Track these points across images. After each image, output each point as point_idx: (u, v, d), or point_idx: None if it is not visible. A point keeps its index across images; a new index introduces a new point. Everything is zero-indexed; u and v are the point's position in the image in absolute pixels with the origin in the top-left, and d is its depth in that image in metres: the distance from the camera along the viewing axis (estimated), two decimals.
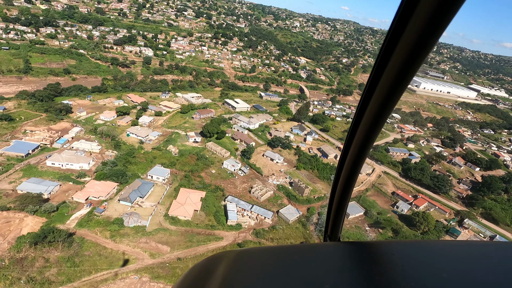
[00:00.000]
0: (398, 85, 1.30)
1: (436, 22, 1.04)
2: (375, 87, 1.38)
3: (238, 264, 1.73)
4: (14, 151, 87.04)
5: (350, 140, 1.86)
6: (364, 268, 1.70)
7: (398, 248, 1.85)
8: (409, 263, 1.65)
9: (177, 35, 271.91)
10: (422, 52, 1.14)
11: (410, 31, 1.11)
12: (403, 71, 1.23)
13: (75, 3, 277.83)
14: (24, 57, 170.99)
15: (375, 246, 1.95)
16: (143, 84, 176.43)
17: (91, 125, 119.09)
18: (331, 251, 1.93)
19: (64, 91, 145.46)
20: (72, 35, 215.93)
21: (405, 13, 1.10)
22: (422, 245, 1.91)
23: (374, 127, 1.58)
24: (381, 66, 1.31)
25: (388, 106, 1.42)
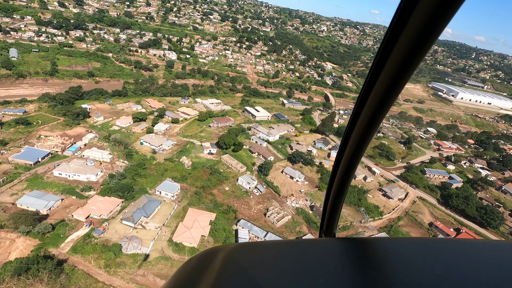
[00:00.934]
0: (395, 85, 1.30)
1: (434, 23, 1.04)
2: (373, 85, 1.38)
3: (233, 258, 1.73)
4: (23, 158, 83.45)
5: (347, 137, 1.86)
6: (358, 264, 1.71)
7: (392, 245, 1.87)
8: (402, 260, 1.66)
9: (202, 38, 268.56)
10: (419, 52, 1.15)
11: (409, 31, 1.11)
12: (400, 71, 1.24)
13: (106, 6, 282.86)
14: (52, 59, 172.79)
15: (370, 243, 1.94)
16: (163, 88, 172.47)
17: (106, 131, 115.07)
18: (326, 247, 1.94)
19: (85, 94, 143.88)
20: (100, 38, 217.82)
21: (403, 13, 1.10)
22: (415, 242, 1.93)
23: (371, 124, 1.59)
24: (379, 66, 1.31)
25: (386, 105, 1.43)
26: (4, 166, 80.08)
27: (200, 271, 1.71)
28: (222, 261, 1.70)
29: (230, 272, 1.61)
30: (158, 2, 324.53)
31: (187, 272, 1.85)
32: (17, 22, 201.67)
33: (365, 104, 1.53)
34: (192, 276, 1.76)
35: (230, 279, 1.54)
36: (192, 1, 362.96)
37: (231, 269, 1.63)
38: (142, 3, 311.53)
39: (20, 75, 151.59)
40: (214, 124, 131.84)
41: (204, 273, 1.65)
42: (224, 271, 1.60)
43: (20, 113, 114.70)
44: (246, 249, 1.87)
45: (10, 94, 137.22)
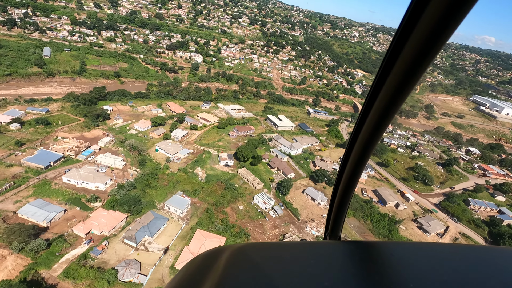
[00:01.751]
0: (403, 87, 1.28)
1: (444, 24, 1.02)
2: (382, 86, 1.36)
3: (237, 259, 1.72)
4: (35, 161, 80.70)
5: (354, 139, 1.83)
6: (363, 268, 1.69)
7: (398, 249, 1.84)
8: (408, 265, 1.64)
9: (229, 41, 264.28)
10: (428, 54, 1.13)
11: (418, 33, 1.09)
12: (409, 73, 1.22)
13: (139, 8, 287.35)
14: (81, 59, 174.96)
15: (375, 246, 1.93)
16: (186, 92, 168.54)
17: (123, 135, 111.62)
18: (330, 250, 1.92)
19: (108, 95, 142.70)
20: (130, 38, 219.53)
21: (413, 15, 1.08)
22: (422, 247, 1.89)
23: (378, 127, 1.57)
24: (387, 67, 1.29)
25: (394, 106, 1.40)
26: (15, 169, 77.59)
27: (204, 270, 1.70)
28: (226, 261, 1.69)
29: (234, 272, 1.59)
30: (189, 4, 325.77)
31: (191, 271, 1.83)
32: (54, 22, 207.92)
33: (372, 106, 1.50)
34: (196, 275, 1.74)
35: (234, 279, 1.53)
36: (223, 4, 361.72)
37: (235, 269, 1.62)
38: (174, 5, 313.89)
39: (50, 74, 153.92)
40: (233, 132, 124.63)
41: (208, 272, 1.64)
42: (228, 271, 1.59)
43: (43, 112, 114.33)
44: (250, 250, 1.85)
45: (38, 92, 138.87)
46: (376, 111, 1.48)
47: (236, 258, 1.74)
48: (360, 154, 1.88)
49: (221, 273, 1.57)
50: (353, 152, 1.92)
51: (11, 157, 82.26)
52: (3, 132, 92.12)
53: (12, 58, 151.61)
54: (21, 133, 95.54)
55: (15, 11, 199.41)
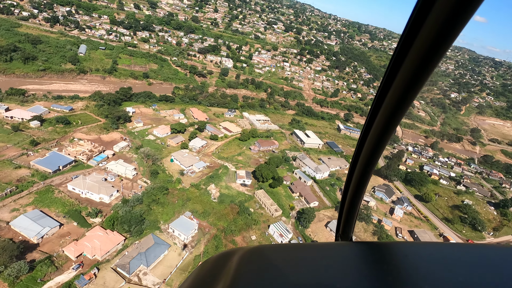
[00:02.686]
0: (411, 89, 1.28)
1: (450, 26, 1.02)
2: (389, 88, 1.36)
3: (248, 260, 1.71)
4: (44, 165, 76.59)
5: (364, 137, 1.80)
6: (376, 268, 1.66)
7: (412, 250, 1.80)
8: (422, 265, 1.59)
9: (262, 48, 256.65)
10: (435, 56, 1.13)
11: (424, 35, 1.09)
12: (416, 75, 1.22)
13: (177, 11, 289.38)
14: (114, 58, 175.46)
15: (388, 247, 1.90)
16: (211, 97, 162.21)
17: (141, 140, 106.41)
18: (343, 251, 1.91)
19: (134, 96, 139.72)
20: (163, 40, 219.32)
21: (419, 16, 1.08)
22: (437, 247, 1.85)
23: (387, 128, 1.56)
24: (394, 69, 1.29)
25: (402, 108, 1.41)
26: (22, 171, 73.76)
27: (215, 272, 1.69)
28: (238, 263, 1.67)
29: (245, 274, 1.58)
30: (226, 9, 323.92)
31: (202, 274, 1.82)
32: (94, 21, 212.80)
33: (380, 108, 1.49)
34: (207, 277, 1.73)
35: (245, 281, 1.51)
36: (259, 9, 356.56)
37: (246, 271, 1.61)
38: (210, 9, 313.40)
39: (82, 71, 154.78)
40: (255, 146, 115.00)
41: (220, 274, 1.62)
42: (240, 273, 1.57)
43: (66, 110, 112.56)
44: (262, 252, 1.83)
45: (68, 88, 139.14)
46: (384, 112, 1.48)
47: (248, 260, 1.71)
48: (369, 155, 1.86)
49: (233, 275, 1.55)
50: (362, 153, 1.91)
51: (22, 158, 78.96)
52: (22, 130, 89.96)
53: (49, 54, 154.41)
54: (39, 132, 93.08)
55: (60, 9, 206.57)
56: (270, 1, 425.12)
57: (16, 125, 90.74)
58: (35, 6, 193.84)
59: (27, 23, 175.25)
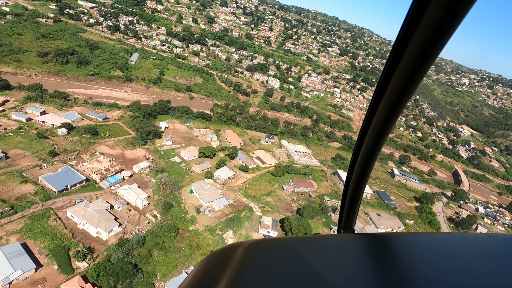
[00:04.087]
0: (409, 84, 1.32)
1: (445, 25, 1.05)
2: (391, 77, 1.38)
3: (253, 253, 1.71)
4: (52, 182, 69.12)
5: (366, 128, 1.80)
6: (379, 259, 1.68)
7: (414, 240, 1.81)
8: (424, 255, 1.61)
9: (312, 70, 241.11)
10: (431, 54, 1.17)
11: (419, 34, 1.13)
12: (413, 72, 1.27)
13: (232, 27, 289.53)
14: (162, 68, 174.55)
15: (390, 238, 1.90)
16: (251, 119, 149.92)
17: (165, 161, 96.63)
18: (346, 242, 1.92)
19: (170, 110, 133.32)
20: (213, 55, 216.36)
21: (414, 16, 1.11)
22: (438, 237, 1.86)
23: (389, 118, 1.58)
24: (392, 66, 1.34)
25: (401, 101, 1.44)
26: (27, 187, 66.81)
27: (220, 266, 1.68)
28: (242, 256, 1.67)
29: (250, 267, 1.58)
30: (281, 28, 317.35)
31: (208, 267, 1.83)
32: (152, 31, 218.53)
33: (381, 100, 1.51)
34: (212, 271, 1.73)
35: (250, 274, 1.52)
36: (315, 31, 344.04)
37: (251, 264, 1.61)
38: (266, 27, 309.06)
39: (128, 79, 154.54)
40: (289, 186, 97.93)
41: (225, 268, 1.62)
42: (245, 266, 1.57)
43: (100, 119, 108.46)
44: (266, 245, 1.84)
45: (110, 95, 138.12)
46: (386, 103, 1.50)
47: (252, 253, 1.71)
48: (371, 147, 1.85)
49: (237, 268, 1.55)
50: (364, 145, 1.89)
51: (34, 170, 72.74)
52: (47, 137, 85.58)
53: (102, 60, 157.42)
54: (63, 141, 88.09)
55: (124, 18, 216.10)
56: (328, 23, 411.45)
57: (43, 131, 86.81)
58: (102, 14, 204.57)
59: (91, 29, 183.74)
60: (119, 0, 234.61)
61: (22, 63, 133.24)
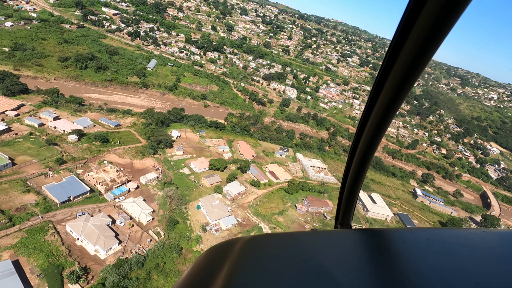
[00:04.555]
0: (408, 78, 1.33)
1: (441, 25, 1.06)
2: (388, 76, 1.40)
3: (250, 249, 1.71)
4: (55, 192, 66.28)
5: (363, 125, 1.81)
6: (375, 255, 1.68)
7: (410, 236, 1.81)
8: (421, 250, 1.62)
9: (331, 81, 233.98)
10: (427, 53, 1.19)
11: (416, 33, 1.14)
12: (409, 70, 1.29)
13: (251, 35, 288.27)
14: (179, 75, 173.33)
15: (387, 234, 1.90)
16: (265, 130, 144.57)
17: (174, 173, 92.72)
18: (343, 238, 1.91)
19: (184, 118, 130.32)
20: (231, 63, 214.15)
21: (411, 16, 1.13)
22: (435, 232, 1.87)
23: (387, 114, 1.59)
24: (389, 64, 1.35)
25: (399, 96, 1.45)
26: (29, 197, 64.15)
27: (218, 261, 1.68)
28: (239, 252, 1.67)
29: (247, 262, 1.58)
30: (300, 37, 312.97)
31: (205, 263, 1.82)
32: (171, 38, 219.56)
33: (379, 95, 1.52)
34: (209, 266, 1.73)
35: (247, 269, 1.52)
36: (335, 40, 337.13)
37: (248, 259, 1.61)
38: (285, 36, 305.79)
39: (144, 85, 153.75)
40: (302, 205, 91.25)
41: (222, 263, 1.62)
42: (242, 261, 1.57)
43: (112, 126, 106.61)
44: (263, 240, 1.84)
45: (126, 101, 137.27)
46: (383, 100, 1.51)
47: (249, 248, 1.71)
48: (368, 143, 1.85)
49: (235, 264, 1.55)
50: (361, 141, 1.89)
51: (39, 178, 70.37)
52: (56, 143, 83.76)
53: (120, 66, 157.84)
54: (72, 148, 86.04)
55: (144, 25, 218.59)
56: (348, 33, 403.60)
57: (53, 137, 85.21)
58: (124, 21, 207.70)
59: (112, 35, 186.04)
60: (141, 8, 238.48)
61: (43, 67, 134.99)
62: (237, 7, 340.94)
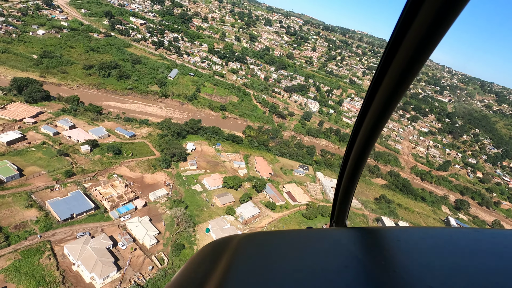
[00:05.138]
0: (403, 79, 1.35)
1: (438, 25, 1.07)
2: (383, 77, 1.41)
3: (246, 246, 1.72)
4: (58, 208, 62.61)
5: (359, 124, 1.82)
6: (369, 253, 1.69)
7: (404, 235, 1.82)
8: (414, 249, 1.64)
9: (356, 94, 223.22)
10: (423, 53, 1.20)
11: (412, 34, 1.15)
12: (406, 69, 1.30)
13: (274, 46, 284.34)
14: (199, 85, 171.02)
15: (381, 232, 1.92)
16: (284, 146, 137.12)
17: (185, 189, 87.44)
18: (337, 237, 1.91)
19: (201, 130, 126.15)
20: (252, 73, 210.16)
21: (408, 16, 1.13)
22: (428, 232, 1.89)
23: (382, 114, 1.61)
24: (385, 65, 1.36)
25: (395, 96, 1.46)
26: (31, 212, 60.73)
27: (213, 259, 1.68)
28: (235, 249, 1.67)
29: (242, 259, 1.59)
30: (324, 49, 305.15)
31: (200, 260, 1.82)
32: (194, 48, 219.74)
33: (375, 96, 1.54)
34: (205, 263, 1.73)
35: (242, 265, 1.52)
36: (361, 52, 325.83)
37: (243, 256, 1.61)
38: (309, 47, 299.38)
39: (164, 94, 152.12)
40: None
41: (218, 260, 1.62)
42: (237, 258, 1.57)
43: (127, 136, 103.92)
44: (259, 237, 1.85)
45: (144, 110, 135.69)
46: (380, 99, 1.51)
47: (245, 246, 1.71)
48: (365, 141, 1.86)
49: (230, 261, 1.55)
50: (358, 138, 1.90)
51: (45, 192, 67.24)
52: (67, 154, 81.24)
53: (142, 74, 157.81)
54: (84, 159, 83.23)
55: (169, 35, 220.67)
56: (374, 45, 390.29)
57: (66, 147, 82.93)
58: (149, 30, 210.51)
59: (137, 44, 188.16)
60: (168, 18, 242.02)
61: (68, 74, 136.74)
62: (262, 18, 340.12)
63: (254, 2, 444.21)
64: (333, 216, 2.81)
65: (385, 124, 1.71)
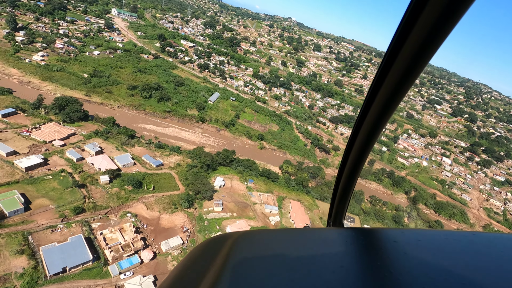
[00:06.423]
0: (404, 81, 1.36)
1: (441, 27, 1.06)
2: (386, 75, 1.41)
3: (241, 244, 1.71)
4: (51, 258, 52.63)
5: (359, 124, 1.81)
6: (365, 253, 1.69)
7: (401, 236, 1.81)
8: (410, 250, 1.63)
9: (413, 131, 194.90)
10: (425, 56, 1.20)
11: (415, 36, 1.15)
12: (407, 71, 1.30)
13: (322, 72, 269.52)
14: (239, 111, 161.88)
15: (378, 233, 1.92)
16: (326, 188, 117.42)
17: (204, 237, 73.84)
18: (334, 236, 1.91)
19: (233, 162, 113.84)
20: (296, 100, 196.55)
21: (410, 17, 1.12)
22: (425, 234, 1.88)
23: (382, 115, 1.61)
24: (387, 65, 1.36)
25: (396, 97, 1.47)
26: (19, 261, 51.50)
27: (209, 256, 1.67)
28: (231, 246, 1.67)
29: (238, 256, 1.58)
30: None
31: (196, 257, 1.81)
32: (239, 72, 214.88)
33: (376, 97, 1.54)
34: (200, 261, 1.72)
35: (238, 264, 1.52)
36: (418, 83, 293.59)
37: (239, 254, 1.61)
38: (359, 75, 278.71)
39: (201, 119, 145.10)
40: None
41: (213, 258, 1.62)
42: (232, 256, 1.57)
43: (154, 165, 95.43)
44: (255, 236, 1.85)
45: (178, 135, 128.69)
46: (380, 100, 1.52)
47: (240, 244, 1.71)
48: (364, 141, 1.86)
49: (225, 259, 1.55)
50: (357, 139, 1.90)
51: (44, 233, 58.59)
52: (82, 185, 73.70)
53: (182, 97, 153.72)
54: (100, 192, 74.93)
55: (216, 58, 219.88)
56: (434, 74, 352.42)
57: (84, 177, 75.83)
58: (197, 53, 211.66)
59: (184, 66, 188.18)
60: (216, 41, 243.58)
61: (112, 94, 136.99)
62: (311, 43, 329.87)
63: (304, 28, 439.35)
64: (330, 216, 2.78)
65: (385, 124, 1.70)
